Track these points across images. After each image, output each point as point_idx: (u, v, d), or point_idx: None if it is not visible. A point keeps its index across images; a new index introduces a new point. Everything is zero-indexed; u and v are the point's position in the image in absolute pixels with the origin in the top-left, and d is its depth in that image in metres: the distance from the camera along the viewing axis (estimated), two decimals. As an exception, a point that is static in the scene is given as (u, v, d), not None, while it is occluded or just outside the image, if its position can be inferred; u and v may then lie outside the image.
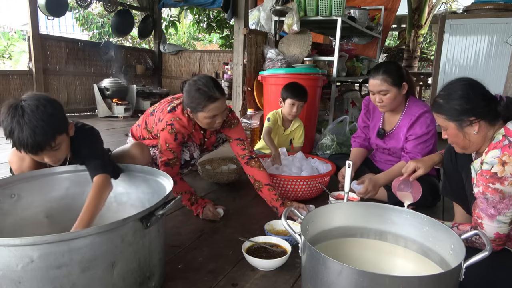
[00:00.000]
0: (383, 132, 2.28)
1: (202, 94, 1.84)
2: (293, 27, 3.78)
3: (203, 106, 1.85)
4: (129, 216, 1.06)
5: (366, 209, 1.35)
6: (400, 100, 2.13)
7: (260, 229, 1.82)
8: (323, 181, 2.22)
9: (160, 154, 1.98)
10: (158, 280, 1.28)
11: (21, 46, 9.61)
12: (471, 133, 1.33)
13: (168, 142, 1.95)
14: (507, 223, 1.25)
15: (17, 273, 0.95)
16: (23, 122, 1.33)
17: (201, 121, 1.94)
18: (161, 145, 1.97)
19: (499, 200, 1.23)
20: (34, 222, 1.45)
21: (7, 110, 1.36)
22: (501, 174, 1.21)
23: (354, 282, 0.92)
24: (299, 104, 2.78)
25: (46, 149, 1.39)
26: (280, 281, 1.40)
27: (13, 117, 1.34)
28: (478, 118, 1.30)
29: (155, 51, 7.15)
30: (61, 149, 1.45)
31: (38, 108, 1.36)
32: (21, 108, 1.35)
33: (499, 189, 1.22)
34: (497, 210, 1.24)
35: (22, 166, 1.57)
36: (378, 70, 2.06)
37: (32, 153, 1.39)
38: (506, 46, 4.23)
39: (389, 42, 10.81)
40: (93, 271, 1.02)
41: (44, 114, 1.36)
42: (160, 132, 1.98)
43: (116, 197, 1.58)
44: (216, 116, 1.90)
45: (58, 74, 5.66)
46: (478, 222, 1.30)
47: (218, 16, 8.13)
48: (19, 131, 1.34)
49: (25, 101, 1.38)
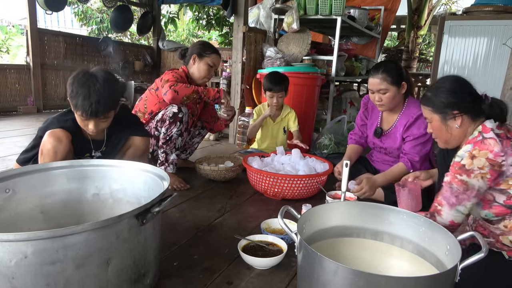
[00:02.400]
0: (380, 131, 2.28)
1: (210, 45, 2.52)
2: (293, 26, 3.77)
3: (209, 53, 2.45)
4: (124, 212, 1.05)
5: (363, 209, 1.35)
6: (399, 100, 2.14)
7: (256, 228, 1.82)
8: (320, 180, 2.22)
9: (166, 83, 2.27)
10: (153, 277, 1.28)
11: (19, 40, 9.56)
12: (453, 127, 1.40)
13: (175, 76, 2.34)
14: (464, 214, 1.33)
15: (11, 268, 0.94)
16: (93, 89, 1.52)
17: (201, 68, 2.45)
18: (167, 78, 2.31)
19: (462, 191, 1.30)
20: (29, 218, 1.44)
21: (82, 75, 1.54)
22: (468, 167, 1.28)
23: (350, 282, 0.92)
24: (277, 95, 2.76)
25: (99, 118, 1.59)
26: (276, 279, 1.39)
27: (85, 82, 1.52)
28: (461, 112, 1.37)
29: (154, 48, 7.12)
30: (107, 121, 1.67)
31: (108, 82, 1.56)
32: (95, 77, 1.54)
33: (465, 180, 1.29)
34: (458, 200, 1.31)
35: (58, 147, 1.64)
36: (378, 69, 2.07)
37: (86, 117, 1.57)
38: (505, 48, 4.24)
39: (388, 42, 10.82)
40: (87, 267, 1.02)
41: (111, 88, 1.58)
42: (165, 76, 2.34)
43: (112, 194, 1.57)
44: (213, 67, 2.48)
45: (56, 69, 5.63)
46: (437, 209, 1.37)
47: (218, 14, 8.11)
48: (85, 95, 1.52)
49: (98, 72, 1.56)
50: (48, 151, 1.64)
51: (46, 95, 5.54)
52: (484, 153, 1.26)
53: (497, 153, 1.24)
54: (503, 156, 1.24)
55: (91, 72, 1.57)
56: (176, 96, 2.23)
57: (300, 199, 2.21)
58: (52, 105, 5.66)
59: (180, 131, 2.33)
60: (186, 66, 2.51)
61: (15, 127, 4.20)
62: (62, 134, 1.66)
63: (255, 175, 2.23)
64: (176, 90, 2.23)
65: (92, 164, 1.55)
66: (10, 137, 3.66)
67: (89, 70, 1.58)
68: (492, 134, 1.28)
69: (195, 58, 2.45)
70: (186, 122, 2.34)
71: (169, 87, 2.23)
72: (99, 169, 1.55)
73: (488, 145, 1.26)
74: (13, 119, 4.76)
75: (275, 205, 2.16)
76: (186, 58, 2.51)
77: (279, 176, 2.14)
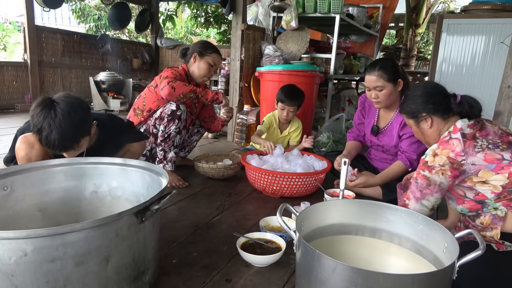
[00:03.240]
0: (376, 129, 2.30)
1: (211, 45, 2.53)
2: (291, 24, 3.77)
3: (210, 52, 2.46)
4: (124, 210, 1.05)
5: (361, 206, 1.36)
6: (395, 97, 2.15)
7: (255, 225, 1.83)
8: (318, 178, 2.22)
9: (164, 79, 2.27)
10: (152, 275, 1.28)
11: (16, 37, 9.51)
12: (425, 128, 1.52)
13: (174, 73, 2.36)
14: (428, 208, 1.43)
15: (10, 266, 0.94)
16: (54, 125, 1.44)
17: (202, 66, 2.45)
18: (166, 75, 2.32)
19: (425, 186, 1.40)
20: (27, 216, 1.43)
21: (41, 109, 1.46)
22: (430, 164, 1.39)
23: (348, 279, 0.92)
24: (289, 109, 2.72)
25: (69, 150, 1.55)
26: (274, 277, 1.40)
27: (45, 117, 1.44)
28: (429, 113, 1.48)
29: (152, 45, 7.10)
30: (81, 148, 1.61)
31: (69, 114, 1.46)
32: (54, 111, 1.45)
33: (427, 176, 1.40)
34: (422, 194, 1.42)
35: (31, 153, 1.61)
36: (374, 67, 2.09)
37: (55, 152, 1.53)
38: (503, 47, 4.25)
39: (386, 40, 10.82)
40: (87, 265, 1.02)
41: (74, 120, 1.47)
42: (165, 73, 2.36)
43: (111, 191, 1.57)
44: (214, 67, 2.48)
45: (53, 67, 5.61)
46: (405, 203, 1.48)
47: (216, 11, 8.09)
48: (48, 132, 1.45)
49: (58, 104, 1.47)
50: (22, 158, 1.61)
51: (43, 92, 5.51)
52: (446, 152, 1.37)
53: (458, 153, 1.35)
54: (463, 155, 1.34)
55: (51, 104, 1.47)
56: (173, 92, 2.23)
57: (299, 197, 2.22)
58: (50, 103, 5.64)
59: (178, 129, 2.33)
60: (187, 65, 2.51)
61: (13, 125, 4.18)
62: (34, 139, 1.57)
63: (254, 173, 2.23)
64: (174, 87, 2.24)
65: (90, 162, 1.55)
66: (8, 135, 3.65)
67: (50, 100, 1.48)
68: (458, 135, 1.37)
69: (196, 56, 2.45)
70: (185, 120, 2.34)
71: (167, 83, 2.24)
72: (97, 166, 1.55)
73: (451, 145, 1.37)
74: (10, 116, 4.75)
75: (274, 203, 2.16)
76: (187, 56, 2.51)
77: (278, 174, 2.14)
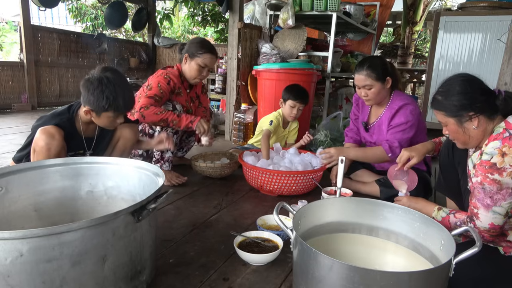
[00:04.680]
0: (365, 124, 2.33)
1: (204, 44, 2.36)
2: (288, 22, 3.76)
3: (202, 53, 2.32)
4: (120, 209, 1.05)
5: (358, 204, 1.36)
6: (384, 94, 2.17)
7: (252, 224, 1.83)
8: (316, 176, 2.22)
9: (148, 92, 2.21)
10: (149, 274, 1.28)
11: (12, 37, 9.48)
12: (470, 128, 1.34)
13: (160, 83, 2.25)
14: (502, 215, 1.25)
15: (6, 267, 0.94)
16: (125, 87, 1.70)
17: (192, 68, 2.35)
18: (152, 85, 2.24)
19: (496, 190, 1.23)
20: (22, 216, 1.43)
21: (97, 85, 1.63)
22: (500, 165, 1.22)
23: (345, 278, 0.92)
24: (299, 106, 2.79)
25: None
26: (272, 276, 1.40)
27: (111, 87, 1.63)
28: (477, 113, 1.32)
29: (149, 44, 7.08)
30: None
31: (121, 79, 1.71)
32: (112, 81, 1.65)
33: (497, 179, 1.23)
34: (493, 200, 1.24)
35: (51, 143, 1.63)
36: (363, 65, 2.10)
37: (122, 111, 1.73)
38: (500, 44, 4.25)
39: (383, 38, 10.83)
40: (83, 264, 1.01)
41: (127, 83, 1.75)
42: (153, 79, 2.28)
43: (106, 191, 1.56)
44: (205, 68, 2.37)
45: (50, 66, 5.59)
46: (474, 212, 1.30)
47: (213, 10, 8.07)
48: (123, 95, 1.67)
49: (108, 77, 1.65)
50: (41, 148, 1.62)
51: (40, 92, 5.49)
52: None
53: None
54: None
55: (102, 78, 1.65)
56: (142, 120, 2.18)
57: (296, 195, 2.22)
58: (46, 103, 5.62)
59: (174, 129, 2.32)
60: (180, 64, 2.46)
61: (9, 125, 4.16)
62: (55, 131, 1.65)
63: (251, 171, 2.23)
64: (144, 115, 2.15)
65: (85, 162, 1.55)
66: (5, 135, 3.63)
67: (98, 77, 1.65)
68: None
69: (187, 57, 2.37)
70: None
71: (139, 108, 2.15)
72: (92, 166, 1.55)
73: None
74: (7, 116, 4.73)
75: (271, 201, 2.16)
76: (181, 54, 2.44)
77: (275, 172, 2.14)
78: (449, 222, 1.43)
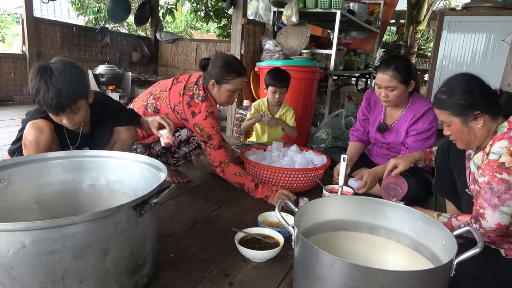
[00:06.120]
0: (385, 126, 2.25)
1: (231, 68, 2.05)
2: (292, 19, 3.75)
3: (231, 79, 2.05)
4: (123, 203, 1.05)
5: (360, 203, 1.36)
6: (405, 97, 2.12)
7: (253, 220, 1.83)
8: (317, 174, 2.22)
9: (210, 141, 2.05)
10: (150, 268, 1.28)
11: (15, 29, 9.45)
12: (476, 128, 1.33)
13: (214, 126, 2.05)
14: (509, 214, 1.24)
15: (8, 258, 0.94)
16: (50, 83, 1.46)
17: (222, 94, 2.09)
18: (208, 131, 2.03)
19: (504, 190, 1.22)
20: (24, 208, 1.43)
21: (37, 71, 1.48)
22: (508, 164, 1.21)
23: (346, 275, 0.92)
24: (280, 90, 2.76)
25: (67, 111, 1.52)
26: (272, 272, 1.40)
27: (41, 77, 1.47)
28: (482, 112, 1.30)
29: (152, 39, 7.06)
30: (79, 113, 1.58)
31: (65, 72, 1.49)
32: (50, 70, 1.48)
33: (506, 179, 1.22)
34: (501, 200, 1.23)
35: (40, 138, 1.60)
36: (389, 66, 1.99)
37: (53, 113, 1.53)
38: (504, 45, 4.24)
39: (387, 37, 10.80)
40: (85, 258, 1.02)
41: (70, 78, 1.49)
42: (202, 122, 2.03)
43: (108, 185, 1.57)
44: (236, 91, 2.10)
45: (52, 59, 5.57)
46: (479, 212, 1.29)
47: (216, 5, 8.04)
48: (45, 90, 1.46)
49: (54, 64, 1.50)
50: (30, 143, 1.60)
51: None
52: None
53: None
54: None
55: (46, 65, 1.50)
56: (222, 175, 2.08)
57: (298, 192, 2.22)
58: (48, 95, 5.61)
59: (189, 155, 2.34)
60: (206, 86, 2.13)
61: (11, 117, 4.16)
62: (44, 124, 1.61)
63: (253, 168, 2.23)
64: (224, 172, 2.05)
65: (88, 155, 1.55)
66: (6, 127, 3.64)
67: (45, 63, 1.51)
68: None
69: (214, 84, 2.08)
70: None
71: (219, 163, 2.04)
72: (95, 159, 1.55)
73: None
74: (9, 108, 4.73)
75: (272, 198, 2.16)
76: (205, 78, 2.11)
77: (277, 169, 2.14)
78: (452, 226, 1.41)
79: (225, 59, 2.07)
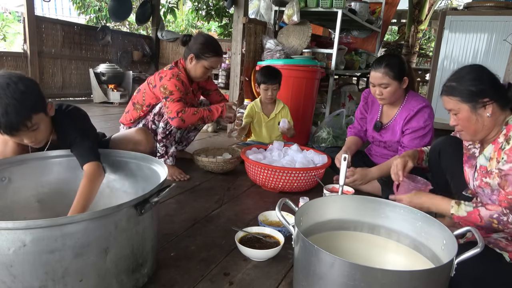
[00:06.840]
0: (380, 125, 2.27)
1: (210, 46, 2.29)
2: (293, 18, 3.74)
3: (209, 56, 2.28)
4: (123, 202, 1.05)
5: (360, 202, 1.36)
6: (400, 94, 2.13)
7: (253, 220, 1.83)
8: (318, 173, 2.22)
9: (171, 96, 2.21)
10: (150, 267, 1.28)
11: (16, 27, 9.46)
12: (484, 116, 1.32)
13: (177, 86, 2.23)
14: None
15: (9, 256, 0.94)
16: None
17: (198, 69, 2.32)
18: (171, 89, 2.21)
19: None
20: (25, 206, 1.44)
21: None
22: None
23: (346, 275, 0.92)
24: (272, 87, 2.77)
25: (22, 130, 1.33)
26: (272, 271, 1.40)
27: None
28: (491, 100, 1.30)
29: (153, 38, 7.06)
30: (39, 129, 1.39)
31: (8, 86, 1.29)
32: None
33: None
34: None
35: (6, 151, 1.53)
36: (381, 63, 2.04)
37: (7, 133, 1.32)
38: (505, 45, 4.23)
39: (388, 37, 10.77)
40: (86, 256, 1.02)
41: (15, 92, 1.29)
42: (167, 82, 2.23)
43: (109, 183, 1.57)
44: (211, 69, 2.34)
45: (53, 58, 5.58)
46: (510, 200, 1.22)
47: (218, 4, 8.04)
48: None
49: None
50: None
51: (43, 83, 5.49)
52: None
53: None
54: None
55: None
56: (182, 124, 2.22)
57: (298, 192, 2.22)
58: (49, 94, 5.61)
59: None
60: (185, 61, 2.38)
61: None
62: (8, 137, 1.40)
63: (253, 167, 2.23)
64: (183, 119, 2.20)
65: (90, 154, 1.54)
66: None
67: None
68: None
69: (192, 58, 2.31)
70: None
71: (176, 114, 2.17)
72: (97, 158, 1.55)
73: None
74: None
75: (273, 197, 2.16)
76: (185, 52, 2.36)
77: (277, 168, 2.14)
78: (480, 216, 1.27)
79: (206, 38, 2.35)
